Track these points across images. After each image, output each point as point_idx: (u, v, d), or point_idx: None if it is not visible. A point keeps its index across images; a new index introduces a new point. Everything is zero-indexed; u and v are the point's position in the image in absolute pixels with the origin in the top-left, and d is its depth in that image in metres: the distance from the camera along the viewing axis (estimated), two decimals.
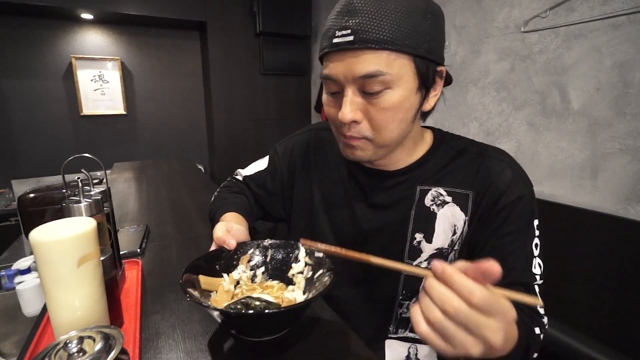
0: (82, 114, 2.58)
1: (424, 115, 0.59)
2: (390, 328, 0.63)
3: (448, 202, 0.57)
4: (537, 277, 0.53)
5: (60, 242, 0.39)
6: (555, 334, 1.04)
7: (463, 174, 0.57)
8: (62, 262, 0.39)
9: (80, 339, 0.34)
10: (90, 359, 0.32)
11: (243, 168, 0.84)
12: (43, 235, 0.39)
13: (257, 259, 0.58)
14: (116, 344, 0.34)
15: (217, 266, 0.54)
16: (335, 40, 0.48)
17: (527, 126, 1.48)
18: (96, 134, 2.67)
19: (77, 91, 2.54)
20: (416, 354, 0.62)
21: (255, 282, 0.56)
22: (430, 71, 0.50)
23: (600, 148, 1.24)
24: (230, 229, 0.60)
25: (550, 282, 1.45)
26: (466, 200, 0.56)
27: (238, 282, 0.55)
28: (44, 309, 0.53)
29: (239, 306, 0.46)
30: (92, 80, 2.59)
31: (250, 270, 0.57)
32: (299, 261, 0.56)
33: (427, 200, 0.58)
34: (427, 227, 0.58)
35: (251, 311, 0.44)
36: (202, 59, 2.95)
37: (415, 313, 0.33)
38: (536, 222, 0.55)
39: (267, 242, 0.59)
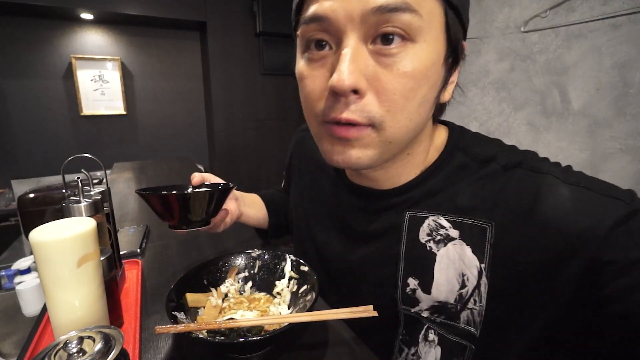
0: (82, 114, 2.58)
1: (438, 111, 0.43)
2: None
3: (454, 239, 0.39)
4: None
5: (60, 242, 0.39)
6: None
7: (481, 197, 0.39)
8: (62, 262, 0.39)
9: (80, 339, 0.34)
10: (90, 359, 0.32)
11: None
12: (43, 235, 0.39)
13: (245, 270, 0.58)
14: (116, 344, 0.34)
15: (204, 280, 0.54)
16: None
17: (527, 126, 1.48)
18: (96, 134, 2.67)
19: (77, 91, 2.54)
20: None
21: (243, 294, 0.56)
22: (458, 40, 0.36)
23: (600, 148, 1.24)
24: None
25: None
26: (482, 237, 0.37)
27: (226, 295, 0.55)
28: (44, 309, 0.53)
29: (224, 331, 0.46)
30: (92, 80, 2.59)
31: (239, 282, 0.57)
32: (284, 276, 0.56)
33: (421, 233, 0.42)
34: (423, 272, 0.42)
35: (222, 338, 0.44)
36: (202, 59, 2.94)
37: None
38: None
39: (255, 252, 0.59)
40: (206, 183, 0.62)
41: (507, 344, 0.38)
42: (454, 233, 0.40)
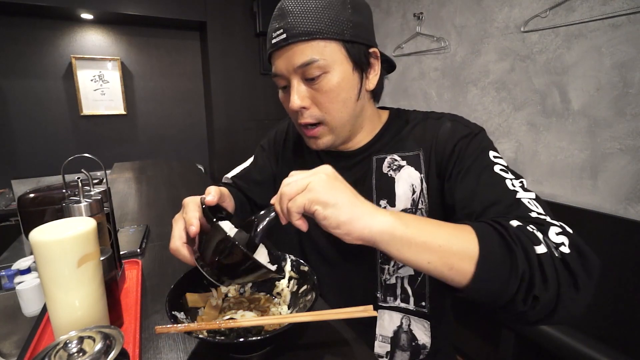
0: (82, 114, 2.58)
1: (375, 95, 0.65)
2: (378, 295, 0.65)
3: (403, 166, 0.61)
4: (521, 191, 0.48)
5: (60, 242, 0.39)
6: (556, 334, 1.04)
7: (412, 138, 0.62)
8: (62, 262, 0.39)
9: (80, 339, 0.34)
10: (90, 359, 0.32)
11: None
12: (43, 235, 0.39)
13: None
14: (116, 344, 0.34)
15: (204, 280, 0.54)
16: (273, 41, 0.55)
17: (527, 126, 1.47)
18: (96, 134, 2.67)
19: (77, 91, 2.54)
20: (409, 325, 0.64)
21: (243, 294, 0.56)
22: (361, 53, 0.56)
23: (600, 148, 1.24)
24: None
25: None
26: (418, 159, 0.61)
27: (226, 295, 0.55)
28: (44, 309, 0.53)
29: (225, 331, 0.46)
30: (92, 80, 2.59)
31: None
32: (284, 276, 0.56)
33: (384, 168, 0.63)
34: (389, 193, 0.62)
35: (222, 338, 0.44)
36: (202, 59, 2.95)
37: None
38: (492, 152, 0.54)
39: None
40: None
41: None
42: (403, 162, 0.62)
